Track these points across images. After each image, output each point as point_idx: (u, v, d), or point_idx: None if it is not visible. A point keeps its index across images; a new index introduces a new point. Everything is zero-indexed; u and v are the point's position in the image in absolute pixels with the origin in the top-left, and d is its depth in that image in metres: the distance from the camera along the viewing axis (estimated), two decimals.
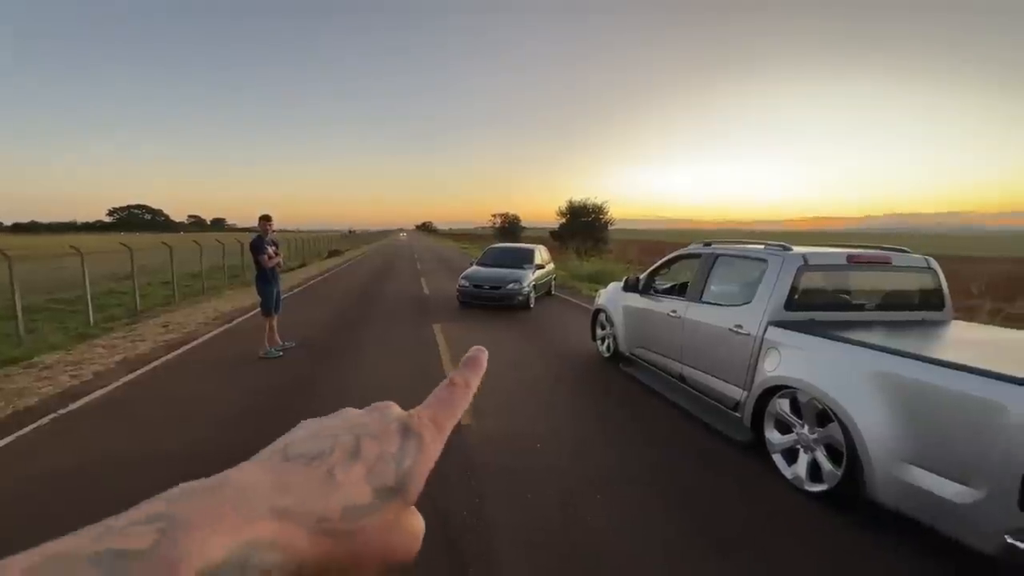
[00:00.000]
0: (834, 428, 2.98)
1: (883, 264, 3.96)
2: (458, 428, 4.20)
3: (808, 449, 3.22)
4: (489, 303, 10.29)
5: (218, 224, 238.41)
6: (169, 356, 6.74)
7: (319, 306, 10.95)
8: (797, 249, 3.88)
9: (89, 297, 9.12)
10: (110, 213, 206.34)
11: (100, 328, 8.49)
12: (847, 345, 3.05)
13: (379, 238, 79.16)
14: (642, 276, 5.74)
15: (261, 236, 6.62)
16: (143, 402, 4.98)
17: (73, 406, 4.83)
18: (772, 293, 3.71)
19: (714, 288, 4.46)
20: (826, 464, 3.07)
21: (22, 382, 5.62)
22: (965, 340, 3.31)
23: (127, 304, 10.67)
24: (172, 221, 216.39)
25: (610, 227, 28.32)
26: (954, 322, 3.97)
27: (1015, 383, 2.22)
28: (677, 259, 5.35)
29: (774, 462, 3.45)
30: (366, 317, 9.63)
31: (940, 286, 4.01)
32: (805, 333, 3.37)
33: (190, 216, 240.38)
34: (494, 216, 44.62)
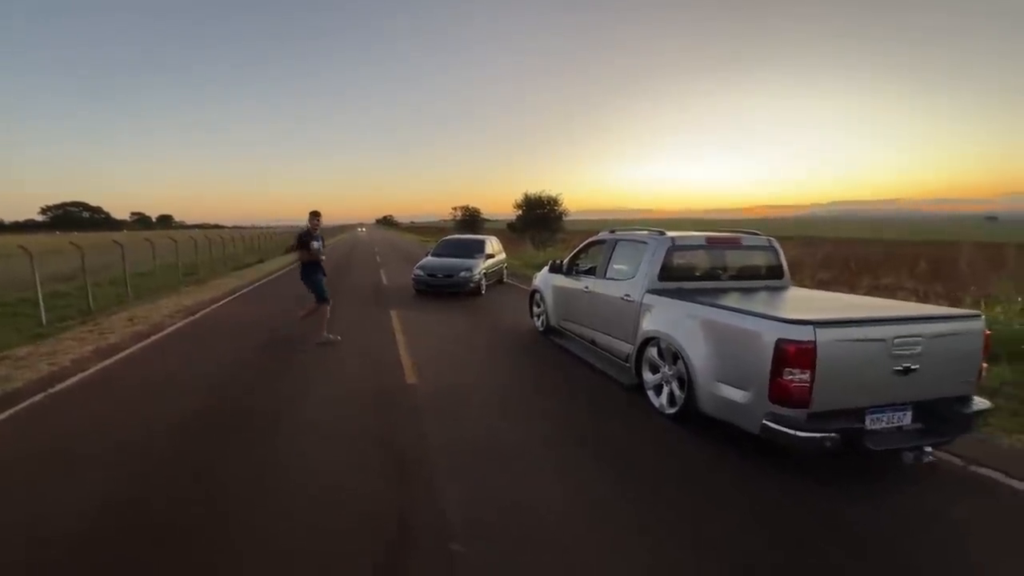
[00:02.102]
0: (681, 364, 4.07)
1: (734, 244, 5.12)
2: (405, 386, 5.12)
3: (668, 383, 4.31)
4: (442, 290, 11.17)
5: (165, 222, 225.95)
6: (141, 344, 7.30)
7: (284, 299, 11.53)
8: (670, 233, 4.97)
9: (40, 297, 8.98)
10: (43, 211, 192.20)
11: (55, 328, 8.42)
12: (684, 302, 4.15)
13: (338, 233, 77.82)
14: (565, 260, 6.77)
15: (309, 231, 7.10)
16: (126, 380, 5.62)
17: (60, 386, 5.41)
18: (649, 268, 4.80)
19: (613, 267, 5.52)
20: (677, 392, 4.16)
21: (1, 371, 6.08)
22: (781, 298, 4.48)
23: (77, 304, 10.34)
24: (114, 219, 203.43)
25: (566, 218, 29.55)
26: (792, 288, 5.17)
27: (765, 318, 3.34)
28: (591, 244, 6.40)
29: (648, 397, 4.55)
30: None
31: (780, 261, 5.21)
32: (666, 296, 4.46)
33: (133, 213, 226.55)
34: (454, 209, 45.13)
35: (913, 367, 3.25)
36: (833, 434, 3.06)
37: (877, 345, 3.17)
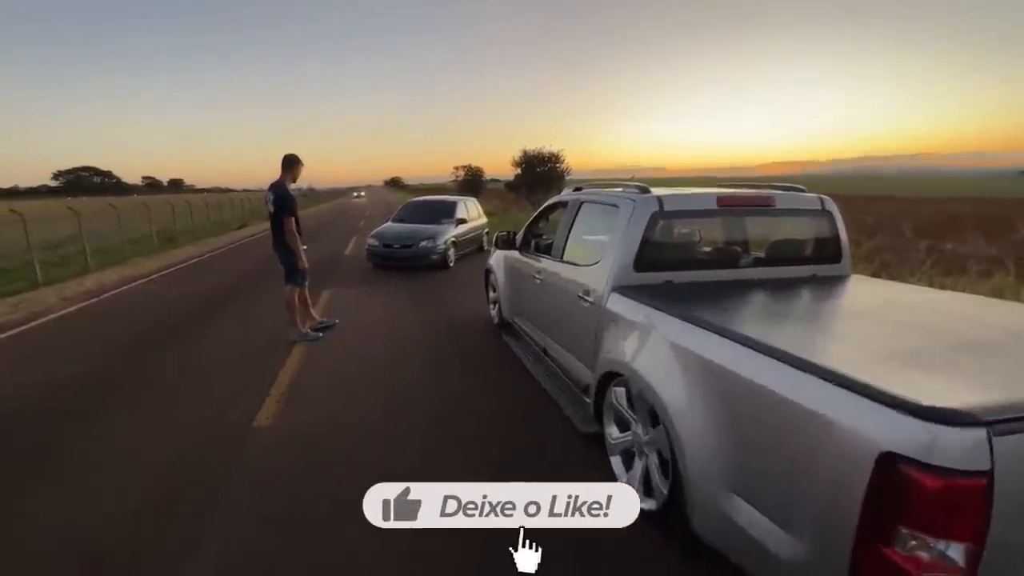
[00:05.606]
0: (663, 431, 2.21)
1: (764, 207, 3.13)
2: (245, 433, 3.36)
3: (642, 455, 2.47)
4: (401, 263, 9.34)
5: (176, 185, 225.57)
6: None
7: (218, 273, 9.98)
8: (655, 192, 2.99)
9: None
10: (55, 176, 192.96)
11: None
12: (668, 315, 2.23)
13: (337, 197, 73.15)
14: (520, 230, 4.81)
15: (284, 189, 4.89)
16: None
17: None
18: (619, 249, 2.86)
19: (573, 244, 3.58)
20: (657, 477, 2.32)
21: None
22: (853, 310, 2.54)
23: (43, 275, 9.39)
24: (124, 183, 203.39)
25: (568, 176, 27.18)
26: (853, 277, 3.22)
27: (854, 391, 1.41)
28: (552, 208, 4.44)
29: (611, 464, 2.71)
30: (263, 282, 8.56)
31: (837, 233, 3.21)
32: (639, 302, 2.54)
33: (144, 178, 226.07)
34: (456, 169, 42.53)
35: None
36: None
37: None
